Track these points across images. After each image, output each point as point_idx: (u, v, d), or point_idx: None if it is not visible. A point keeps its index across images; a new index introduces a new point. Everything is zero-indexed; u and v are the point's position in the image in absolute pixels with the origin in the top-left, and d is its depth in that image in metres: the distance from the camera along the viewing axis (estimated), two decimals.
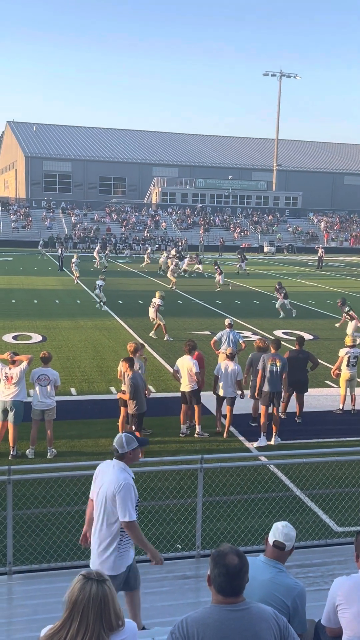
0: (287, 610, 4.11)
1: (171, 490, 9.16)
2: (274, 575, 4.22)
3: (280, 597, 4.12)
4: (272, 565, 4.27)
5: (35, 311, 25.24)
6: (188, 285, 35.33)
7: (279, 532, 4.34)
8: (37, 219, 66.04)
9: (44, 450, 10.84)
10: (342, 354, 13.74)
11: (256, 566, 4.17)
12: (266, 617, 3.30)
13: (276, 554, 4.32)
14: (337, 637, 4.33)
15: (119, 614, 2.87)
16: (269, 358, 11.94)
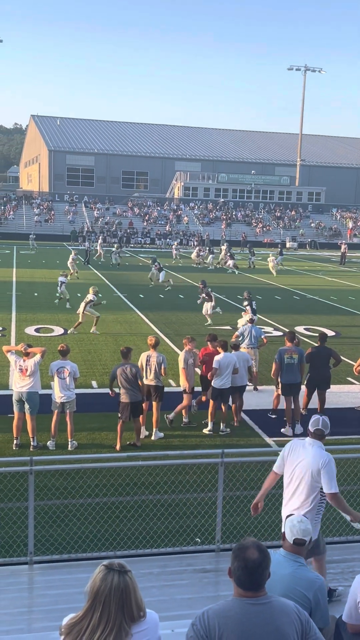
0: (308, 604, 4.10)
1: (191, 484, 9.16)
2: (295, 569, 4.21)
3: (301, 590, 4.11)
4: (292, 559, 4.27)
5: (57, 304, 25.35)
6: (209, 279, 35.24)
7: (296, 530, 4.32)
8: (59, 212, 66.33)
9: (65, 442, 10.91)
10: None
11: (276, 560, 4.16)
12: (288, 611, 3.28)
13: (296, 549, 4.31)
14: (358, 633, 4.31)
15: (140, 604, 2.88)
16: (287, 351, 11.99)
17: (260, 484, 9.46)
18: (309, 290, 32.32)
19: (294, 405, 12.17)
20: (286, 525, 4.41)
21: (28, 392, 10.74)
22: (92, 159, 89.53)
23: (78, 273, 33.96)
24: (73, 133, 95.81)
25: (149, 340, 11.88)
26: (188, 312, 24.62)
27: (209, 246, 51.03)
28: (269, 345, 15.19)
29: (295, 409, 12.16)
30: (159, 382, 11.49)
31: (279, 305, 27.33)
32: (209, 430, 11.79)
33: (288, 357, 11.95)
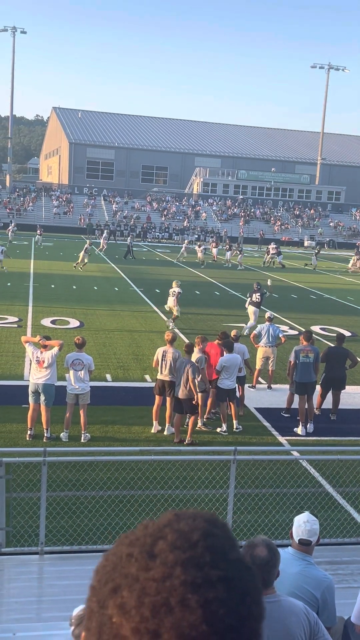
0: (316, 603, 4.11)
1: (203, 480, 9.18)
2: (303, 568, 4.22)
3: (309, 589, 4.12)
4: (300, 558, 4.27)
5: (74, 297, 25.46)
6: (226, 277, 35.19)
7: (301, 530, 4.33)
8: (78, 205, 66.48)
9: (78, 434, 10.97)
10: None
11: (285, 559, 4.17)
12: (297, 611, 3.29)
13: (303, 549, 4.32)
14: None
15: None
16: (302, 350, 11.95)
17: (271, 482, 9.49)
18: (326, 290, 32.18)
19: (308, 404, 12.14)
20: (293, 524, 4.42)
21: (44, 384, 10.80)
22: (112, 153, 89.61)
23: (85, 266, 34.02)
24: (94, 126, 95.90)
25: (166, 335, 11.90)
26: (204, 308, 24.61)
27: (239, 244, 50.51)
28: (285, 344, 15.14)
29: (309, 408, 12.14)
30: (174, 377, 11.50)
31: (295, 304, 27.23)
32: (224, 430, 11.77)
33: (304, 356, 11.92)
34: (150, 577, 0.78)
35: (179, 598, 0.75)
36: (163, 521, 0.85)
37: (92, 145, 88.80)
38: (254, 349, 14.67)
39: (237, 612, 0.77)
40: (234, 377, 11.82)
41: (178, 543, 0.80)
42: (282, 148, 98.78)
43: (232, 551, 0.83)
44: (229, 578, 0.79)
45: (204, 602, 0.75)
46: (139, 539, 0.83)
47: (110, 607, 0.78)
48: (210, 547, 0.81)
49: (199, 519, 0.85)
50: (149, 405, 11.96)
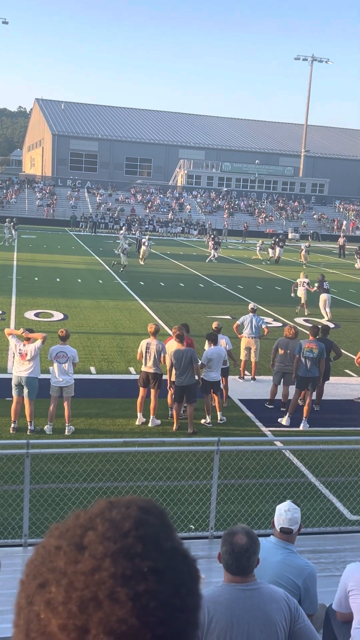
0: (298, 591, 4.15)
1: (187, 471, 9.21)
2: (285, 556, 4.26)
3: (291, 577, 4.16)
4: (282, 546, 4.31)
5: (58, 289, 25.36)
6: (210, 269, 35.22)
7: (283, 518, 4.37)
8: (62, 197, 66.13)
9: (62, 427, 10.95)
10: None
11: (267, 547, 4.21)
12: (277, 598, 3.32)
13: (285, 537, 4.36)
14: (347, 621, 4.36)
15: None
16: (307, 344, 11.92)
17: (255, 472, 9.54)
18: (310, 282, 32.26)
19: (307, 401, 12.07)
20: (275, 513, 4.46)
21: (27, 377, 10.75)
22: (95, 145, 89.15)
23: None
24: (77, 118, 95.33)
25: (149, 327, 11.89)
26: (188, 300, 24.63)
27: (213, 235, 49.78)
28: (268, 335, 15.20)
29: (307, 404, 12.07)
30: (158, 369, 11.52)
31: (279, 296, 27.33)
32: (208, 422, 11.81)
33: (307, 350, 11.87)
34: (79, 570, 0.75)
35: (108, 592, 0.73)
36: (95, 510, 0.82)
37: (75, 137, 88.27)
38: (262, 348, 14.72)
39: (170, 604, 0.75)
40: (218, 370, 11.85)
41: (109, 534, 0.77)
42: (266, 140, 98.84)
43: (167, 540, 0.80)
44: (161, 569, 0.76)
45: (134, 595, 0.73)
46: (69, 530, 0.80)
47: (37, 603, 0.75)
48: (142, 537, 0.78)
49: (133, 506, 0.82)
50: (133, 398, 11.96)
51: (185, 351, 11.21)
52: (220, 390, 12.14)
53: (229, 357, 12.46)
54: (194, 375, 11.22)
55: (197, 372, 11.30)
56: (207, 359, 11.68)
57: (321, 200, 76.93)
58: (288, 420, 11.96)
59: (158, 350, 11.45)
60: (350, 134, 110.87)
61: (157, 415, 11.65)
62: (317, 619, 4.70)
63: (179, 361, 11.16)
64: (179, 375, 11.17)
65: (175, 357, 11.19)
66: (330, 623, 4.67)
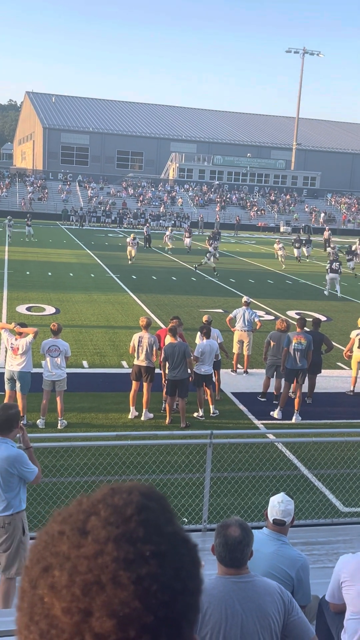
0: (291, 582, 4.17)
1: (180, 464, 9.23)
2: (278, 547, 4.28)
3: (284, 569, 4.18)
4: (275, 538, 4.33)
5: (50, 283, 25.30)
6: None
7: (276, 510, 4.38)
8: (53, 191, 65.88)
9: (55, 421, 10.94)
10: (353, 336, 13.72)
11: (259, 539, 4.22)
12: (271, 590, 3.33)
13: (278, 528, 4.37)
14: (340, 612, 4.39)
15: None
16: (295, 336, 11.95)
17: (247, 465, 9.56)
18: (302, 275, 32.36)
19: (297, 393, 12.07)
20: (268, 505, 4.47)
21: (20, 371, 10.73)
22: (86, 138, 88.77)
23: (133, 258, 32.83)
24: (68, 111, 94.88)
25: (141, 321, 11.88)
26: (180, 294, 24.62)
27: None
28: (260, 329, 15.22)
29: (298, 397, 12.07)
30: (150, 363, 11.52)
31: (271, 290, 27.36)
32: (201, 415, 11.82)
33: (296, 343, 11.91)
34: (82, 554, 0.76)
35: (111, 575, 0.74)
36: (98, 496, 0.84)
37: (66, 130, 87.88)
38: (229, 333, 14.74)
39: (171, 588, 0.77)
40: (210, 363, 11.86)
41: (111, 519, 0.79)
42: (258, 133, 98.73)
43: (168, 525, 0.82)
44: (162, 553, 0.78)
45: (136, 579, 0.74)
46: (71, 515, 0.82)
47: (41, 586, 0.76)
48: (144, 522, 0.79)
49: (135, 492, 0.84)
50: (126, 392, 11.96)
51: (179, 345, 11.20)
52: (212, 384, 12.15)
53: (220, 350, 12.47)
54: (186, 370, 11.23)
55: (189, 366, 11.30)
56: (200, 352, 11.68)
57: (313, 194, 76.98)
58: (280, 413, 12.00)
59: (150, 344, 11.45)
60: (342, 127, 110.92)
61: (150, 408, 11.65)
62: (310, 611, 4.72)
63: (172, 355, 11.16)
64: (172, 370, 11.17)
65: (168, 351, 11.19)
66: (324, 614, 4.70)
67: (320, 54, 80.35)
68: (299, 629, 3.33)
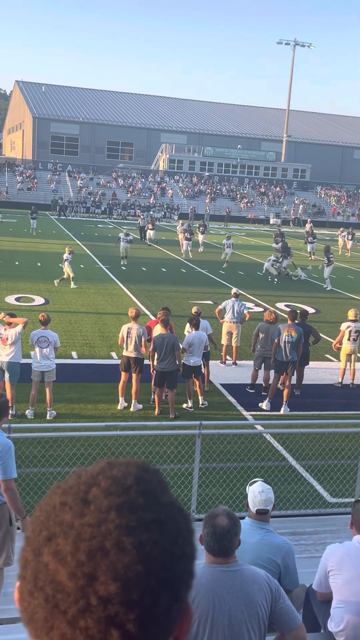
0: (278, 569, 4.21)
1: (169, 454, 9.25)
2: (262, 536, 4.32)
3: (270, 556, 4.22)
4: (258, 527, 4.36)
5: (39, 274, 25.21)
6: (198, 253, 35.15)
7: (258, 500, 4.42)
8: (42, 181, 65.52)
9: (44, 411, 10.93)
10: (343, 328, 13.78)
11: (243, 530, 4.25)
12: (258, 579, 3.37)
13: (261, 517, 4.41)
14: (327, 601, 4.44)
15: None
16: (285, 328, 11.98)
17: (236, 456, 9.61)
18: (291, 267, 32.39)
19: (286, 384, 12.11)
20: (248, 496, 4.51)
21: (8, 362, 10.71)
22: (76, 128, 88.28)
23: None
24: (58, 100, 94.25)
25: (130, 312, 11.87)
26: (170, 285, 24.61)
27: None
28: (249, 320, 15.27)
29: (287, 389, 12.12)
30: (139, 354, 11.52)
31: (260, 282, 27.40)
32: (190, 406, 11.85)
33: (286, 335, 11.94)
34: (85, 522, 0.80)
35: (114, 541, 0.78)
36: (96, 469, 0.88)
37: (56, 120, 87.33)
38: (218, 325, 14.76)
39: (171, 553, 0.81)
40: (199, 354, 11.88)
41: (112, 489, 0.83)
42: (248, 125, 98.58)
43: (164, 495, 0.87)
44: (162, 520, 0.82)
45: (139, 544, 0.79)
46: (72, 487, 0.85)
47: (45, 554, 0.80)
48: (144, 492, 0.84)
49: (131, 465, 0.88)
50: (115, 382, 11.97)
51: (168, 337, 11.21)
52: (201, 375, 12.18)
53: (209, 341, 12.49)
54: (175, 361, 11.24)
55: (178, 358, 11.32)
56: (189, 343, 11.70)
57: (303, 186, 77.03)
58: (268, 405, 12.05)
59: (139, 335, 11.45)
60: (332, 120, 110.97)
61: (139, 399, 11.66)
62: (297, 599, 4.77)
63: (160, 346, 11.16)
64: (161, 361, 11.18)
65: (157, 342, 11.20)
66: (310, 603, 4.75)
67: (311, 45, 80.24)
68: (285, 617, 3.37)
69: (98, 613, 0.76)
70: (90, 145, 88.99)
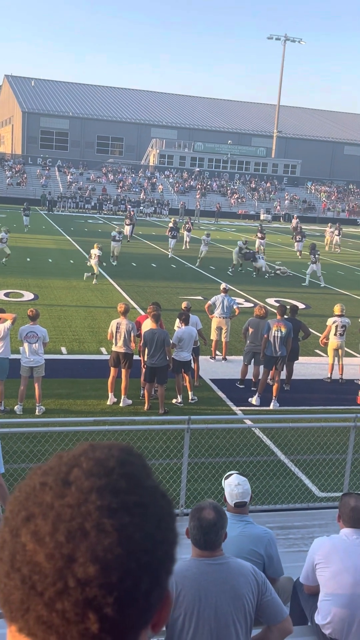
0: (262, 559, 4.24)
1: (157, 449, 9.25)
2: (242, 528, 4.34)
3: (253, 548, 4.24)
4: (238, 519, 4.39)
5: (28, 269, 25.11)
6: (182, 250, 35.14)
7: (235, 493, 4.45)
8: (32, 176, 65.23)
9: (33, 407, 10.90)
10: (330, 323, 13.82)
11: None
12: (244, 572, 3.37)
13: (239, 510, 4.44)
14: (314, 594, 4.46)
15: None
16: (274, 323, 12.00)
17: (225, 451, 9.62)
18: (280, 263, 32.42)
19: (275, 380, 12.13)
20: (225, 490, 4.53)
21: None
22: (66, 122, 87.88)
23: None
24: (48, 95, 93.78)
25: (119, 307, 11.86)
26: (160, 280, 24.59)
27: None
28: (239, 315, 15.29)
29: (276, 384, 12.13)
30: (128, 349, 11.51)
31: (250, 277, 27.42)
32: (179, 402, 11.85)
33: (276, 330, 11.96)
34: (65, 503, 0.78)
35: (94, 522, 0.77)
36: (78, 451, 0.86)
37: (46, 115, 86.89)
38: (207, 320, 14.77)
39: (153, 536, 0.80)
40: (189, 349, 11.88)
41: (94, 470, 0.82)
42: (239, 120, 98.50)
43: (148, 479, 0.85)
44: (145, 504, 0.81)
45: (120, 526, 0.77)
46: (53, 468, 0.84)
47: (23, 535, 0.78)
48: (126, 475, 0.82)
49: (115, 448, 0.87)
50: (104, 378, 11.95)
51: (159, 332, 11.19)
52: (191, 370, 12.18)
53: (199, 337, 12.50)
54: (165, 357, 11.23)
55: (168, 354, 11.31)
56: (178, 338, 11.69)
57: (293, 182, 77.09)
58: (258, 400, 12.07)
59: (128, 330, 11.43)
60: (323, 115, 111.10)
61: (129, 395, 11.66)
62: (284, 592, 4.79)
63: (151, 341, 11.15)
64: (151, 356, 11.16)
65: (148, 337, 11.18)
66: (298, 596, 4.77)
67: (302, 41, 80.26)
68: (272, 609, 3.38)
69: (76, 595, 0.74)
70: (80, 140, 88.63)
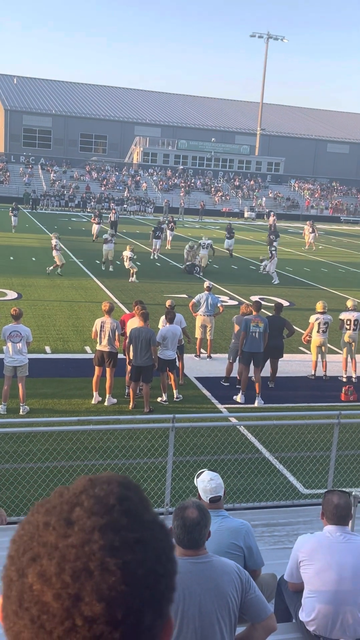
0: (242, 552, 4.26)
1: (142, 448, 9.24)
2: (220, 523, 4.37)
3: (232, 541, 4.27)
4: (215, 515, 4.41)
5: (11, 268, 24.97)
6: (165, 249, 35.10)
7: (209, 489, 4.48)
8: (15, 174, 64.85)
9: (17, 406, 10.85)
10: (312, 320, 13.89)
11: None
12: (228, 570, 3.38)
13: (214, 505, 4.46)
14: (298, 591, 4.48)
15: None
16: (252, 319, 12.05)
17: (210, 449, 9.63)
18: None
19: (256, 377, 12.17)
20: (199, 487, 4.55)
21: None
22: (49, 120, 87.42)
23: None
24: (30, 93, 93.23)
25: (104, 306, 11.83)
26: (145, 279, 24.55)
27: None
28: (223, 314, 15.31)
29: (256, 380, 12.17)
30: (113, 348, 11.48)
31: (235, 275, 27.47)
32: (164, 400, 11.84)
33: (254, 325, 12.01)
34: (69, 543, 0.81)
35: (98, 562, 0.79)
36: (78, 487, 0.88)
37: (28, 113, 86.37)
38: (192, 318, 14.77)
39: (155, 571, 0.83)
40: (174, 348, 11.88)
41: (95, 509, 0.84)
42: (222, 118, 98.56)
43: (147, 513, 0.88)
44: (145, 539, 0.84)
45: (123, 565, 0.80)
46: (55, 507, 0.86)
47: (30, 575, 0.80)
48: (126, 511, 0.85)
49: (113, 483, 0.89)
50: (89, 377, 11.91)
51: (145, 331, 11.16)
52: (176, 368, 12.18)
53: (183, 335, 12.51)
54: (151, 356, 11.21)
55: (154, 353, 11.30)
56: (162, 337, 11.68)
57: (277, 179, 77.29)
58: (242, 397, 12.10)
59: (112, 329, 11.40)
60: (305, 113, 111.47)
61: (114, 394, 11.63)
62: (268, 589, 4.81)
63: (136, 339, 11.12)
64: (136, 356, 11.14)
65: (133, 335, 11.15)
66: (282, 593, 4.79)
67: (285, 39, 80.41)
68: (256, 607, 3.39)
69: (83, 633, 0.77)
70: (63, 138, 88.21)
